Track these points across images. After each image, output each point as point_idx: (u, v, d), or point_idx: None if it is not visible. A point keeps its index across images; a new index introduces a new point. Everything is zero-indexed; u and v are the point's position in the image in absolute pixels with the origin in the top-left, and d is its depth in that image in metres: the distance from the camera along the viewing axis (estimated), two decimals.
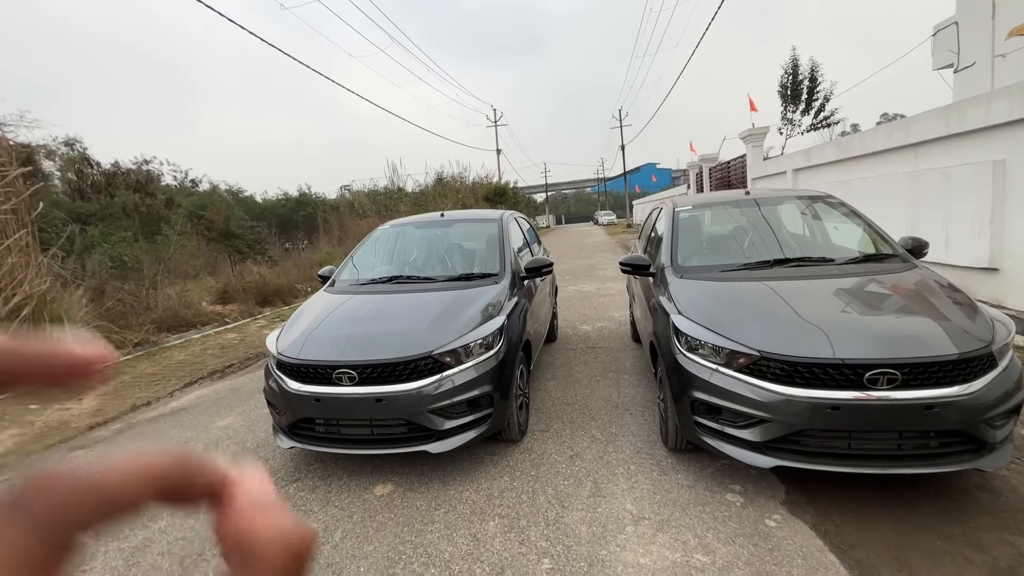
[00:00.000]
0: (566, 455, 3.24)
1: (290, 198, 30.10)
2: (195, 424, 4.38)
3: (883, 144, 7.71)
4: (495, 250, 4.07)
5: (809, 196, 4.07)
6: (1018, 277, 5.34)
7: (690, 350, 2.77)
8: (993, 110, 5.53)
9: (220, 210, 16.21)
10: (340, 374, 2.83)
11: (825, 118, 18.27)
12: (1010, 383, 2.31)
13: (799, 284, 3.02)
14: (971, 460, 2.27)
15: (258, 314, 10.74)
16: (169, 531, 2.72)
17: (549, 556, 2.30)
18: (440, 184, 30.42)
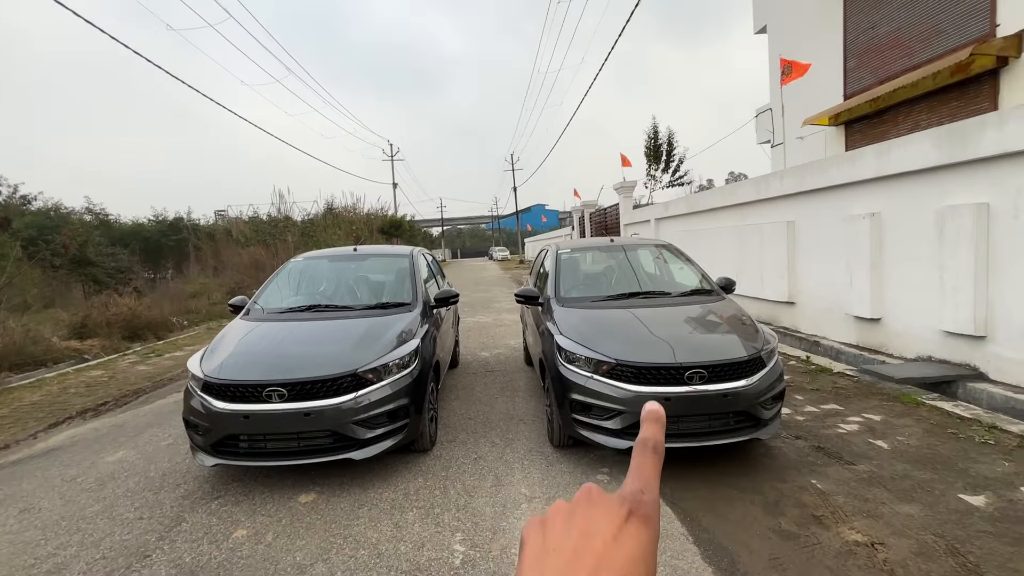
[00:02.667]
0: (471, 458, 3.79)
1: (161, 221, 27.20)
2: (79, 462, 4.16)
3: (719, 202, 9.65)
4: (407, 282, 4.59)
5: (656, 244, 5.24)
6: (807, 309, 7.10)
7: (569, 362, 3.55)
8: (785, 183, 7.42)
9: (76, 233, 14.33)
10: (270, 392, 3.13)
11: (680, 177, 21.65)
12: (775, 377, 3.40)
13: (650, 310, 4.00)
14: (753, 432, 3.29)
15: (126, 349, 9.78)
16: (81, 554, 2.75)
17: (461, 531, 2.83)
18: (331, 214, 29.60)
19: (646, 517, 0.32)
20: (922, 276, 5.05)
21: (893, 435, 3.77)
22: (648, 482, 0.34)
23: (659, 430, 0.37)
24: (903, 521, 2.69)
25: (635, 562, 0.30)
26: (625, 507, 0.32)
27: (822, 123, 12.08)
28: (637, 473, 0.35)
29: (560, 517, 0.34)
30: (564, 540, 0.32)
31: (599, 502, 0.33)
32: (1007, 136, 4.13)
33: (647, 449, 0.36)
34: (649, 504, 0.33)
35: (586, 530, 0.31)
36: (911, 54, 10.12)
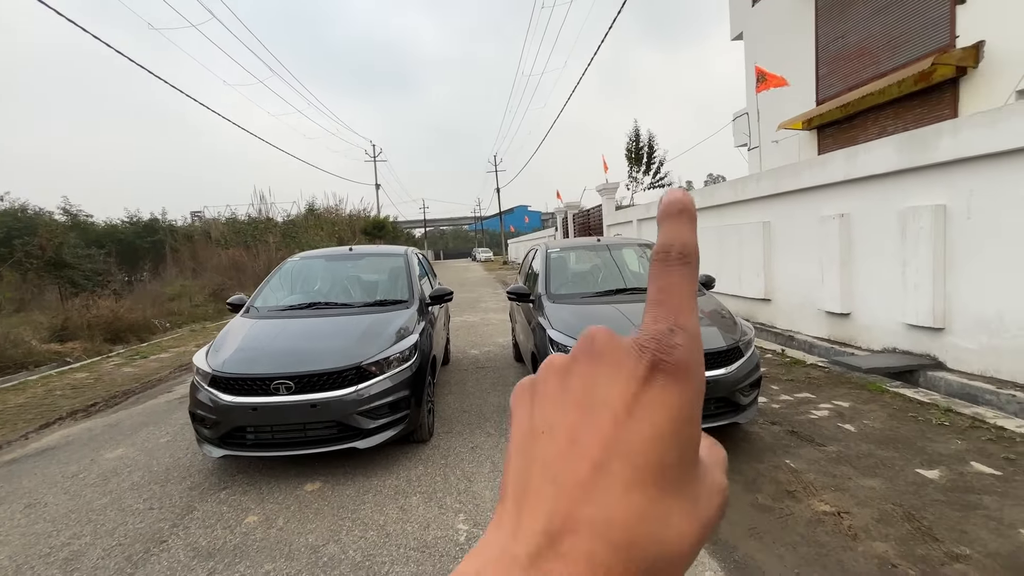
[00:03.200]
0: (468, 447, 3.98)
1: (136, 222, 26.61)
2: (78, 459, 4.21)
3: (698, 204, 9.99)
4: (403, 280, 4.75)
5: (640, 244, 5.50)
6: (783, 306, 7.45)
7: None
8: (761, 185, 7.77)
9: (51, 235, 14.01)
10: (278, 384, 3.26)
11: (661, 179, 22.16)
12: (752, 366, 3.66)
13: (634, 305, 4.23)
14: (732, 416, 3.54)
15: (109, 352, 9.68)
16: (100, 540, 2.85)
17: (463, 512, 3.02)
18: (313, 215, 29.36)
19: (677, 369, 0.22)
20: (887, 273, 5.40)
21: (860, 419, 4.07)
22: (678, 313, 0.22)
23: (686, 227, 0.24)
24: (866, 493, 2.97)
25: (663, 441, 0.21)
26: (644, 359, 0.22)
27: (796, 127, 12.57)
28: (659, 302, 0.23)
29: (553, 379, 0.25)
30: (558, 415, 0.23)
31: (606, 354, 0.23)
32: (961, 143, 4.49)
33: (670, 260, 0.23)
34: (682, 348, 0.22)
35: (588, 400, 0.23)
36: (878, 62, 10.63)
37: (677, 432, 0.21)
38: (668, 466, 0.21)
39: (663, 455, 0.21)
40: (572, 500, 0.21)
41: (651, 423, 0.21)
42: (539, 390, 0.25)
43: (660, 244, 0.24)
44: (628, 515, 0.20)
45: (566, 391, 0.24)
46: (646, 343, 0.22)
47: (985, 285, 4.42)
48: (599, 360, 0.23)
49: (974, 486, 2.95)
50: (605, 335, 0.24)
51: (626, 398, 0.22)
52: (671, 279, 0.23)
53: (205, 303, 15.42)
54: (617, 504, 0.20)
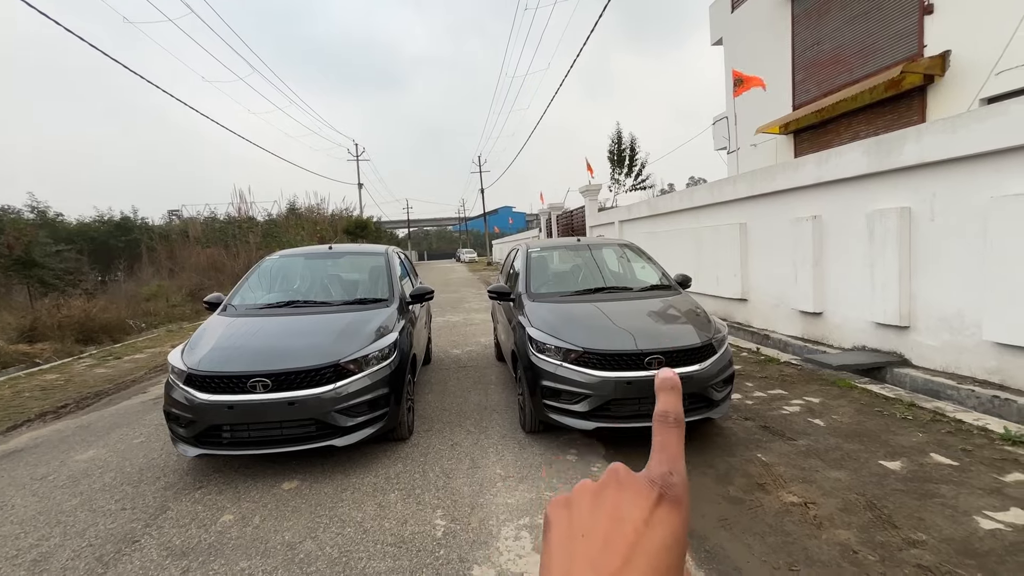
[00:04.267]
0: (447, 444, 4.00)
1: (108, 221, 25.97)
2: (47, 461, 4.12)
3: (677, 206, 10.17)
4: (384, 279, 4.75)
5: (619, 244, 5.59)
6: (759, 306, 7.61)
7: (540, 352, 3.81)
8: (738, 188, 7.93)
9: (20, 234, 13.59)
10: (255, 382, 3.24)
11: (642, 181, 22.45)
12: (725, 363, 3.75)
13: (613, 304, 4.30)
14: (706, 412, 3.63)
15: (80, 353, 9.43)
16: (69, 541, 2.80)
17: (441, 508, 3.04)
18: (294, 214, 29.00)
19: (676, 500, 0.31)
20: (856, 273, 5.58)
21: (829, 414, 4.20)
22: (674, 461, 0.32)
23: (676, 400, 0.34)
24: (832, 484, 3.07)
25: (668, 549, 0.29)
26: (655, 490, 0.31)
27: (773, 132, 12.87)
28: (662, 451, 0.33)
29: (587, 498, 0.33)
30: (593, 524, 0.31)
31: (628, 485, 0.32)
32: (924, 148, 4.67)
33: (667, 424, 0.34)
34: (679, 487, 0.31)
35: (616, 514, 0.31)
36: (851, 69, 10.96)
37: (677, 544, 0.30)
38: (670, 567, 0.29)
39: (669, 560, 0.29)
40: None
41: (661, 535, 0.29)
42: (575, 504, 0.33)
43: (660, 410, 0.34)
44: None
45: (598, 507, 0.32)
46: (655, 479, 0.31)
47: (947, 285, 4.60)
48: (623, 487, 0.32)
49: (933, 476, 3.08)
50: (625, 471, 0.33)
51: (644, 515, 0.30)
52: (669, 437, 0.33)
53: (182, 303, 15.10)
54: None
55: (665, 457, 0.33)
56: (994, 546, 2.39)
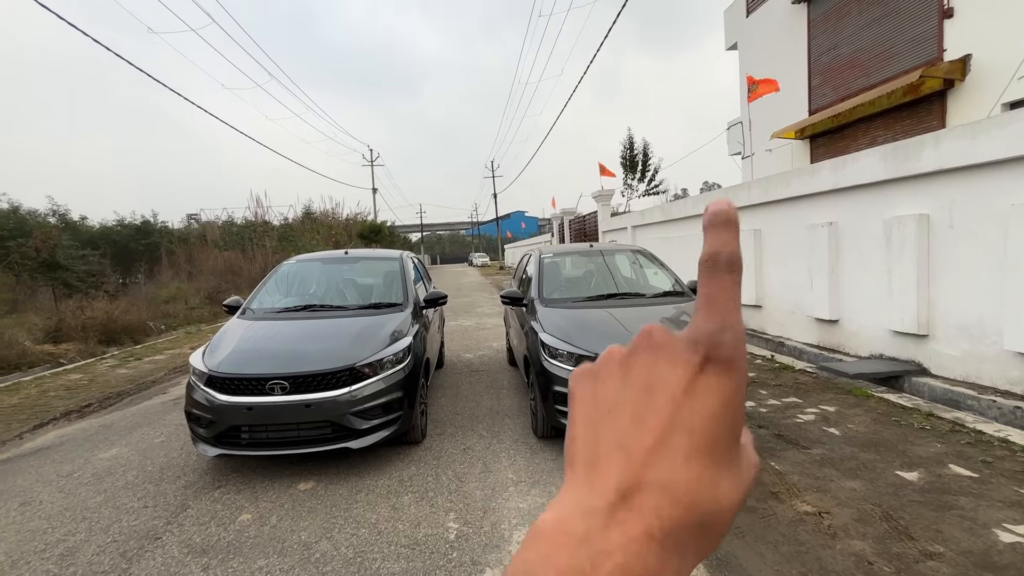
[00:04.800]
0: (460, 448, 4.03)
1: (128, 225, 26.58)
2: (72, 459, 4.24)
3: (691, 211, 10.13)
4: (398, 284, 4.82)
5: (632, 250, 5.59)
6: (773, 313, 7.55)
7: (552, 357, 3.83)
8: (752, 193, 7.89)
9: (46, 237, 14.01)
10: (273, 384, 3.32)
11: (655, 186, 22.37)
12: None
13: (625, 310, 4.32)
14: None
15: (103, 354, 9.67)
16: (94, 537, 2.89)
17: (454, 511, 3.07)
18: (310, 219, 29.40)
19: (728, 362, 0.25)
20: (873, 280, 5.51)
21: (844, 423, 4.15)
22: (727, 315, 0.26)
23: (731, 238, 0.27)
24: (847, 494, 3.04)
25: (716, 419, 0.25)
26: (699, 352, 0.25)
27: (789, 136, 12.76)
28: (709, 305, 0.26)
29: (615, 367, 0.28)
30: (621, 396, 0.27)
31: (665, 347, 0.27)
32: (943, 154, 4.61)
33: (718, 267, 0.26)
34: (730, 345, 0.25)
35: (648, 383, 0.26)
36: (869, 74, 10.84)
37: (726, 414, 0.25)
38: (719, 442, 0.25)
39: (716, 432, 0.25)
40: (640, 464, 0.24)
41: (706, 405, 0.25)
42: (601, 375, 0.28)
43: (707, 252, 0.27)
44: (688, 479, 0.24)
45: (627, 376, 0.27)
46: (699, 338, 0.26)
47: (967, 293, 4.53)
48: (658, 351, 0.27)
49: (951, 488, 3.03)
50: (661, 331, 0.28)
51: (683, 383, 0.25)
52: (721, 284, 0.26)
53: (201, 306, 15.39)
54: (679, 469, 0.24)
55: (715, 312, 0.26)
56: (1014, 559, 2.35)
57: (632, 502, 0.24)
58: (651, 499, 0.24)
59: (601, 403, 0.27)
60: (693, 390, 0.25)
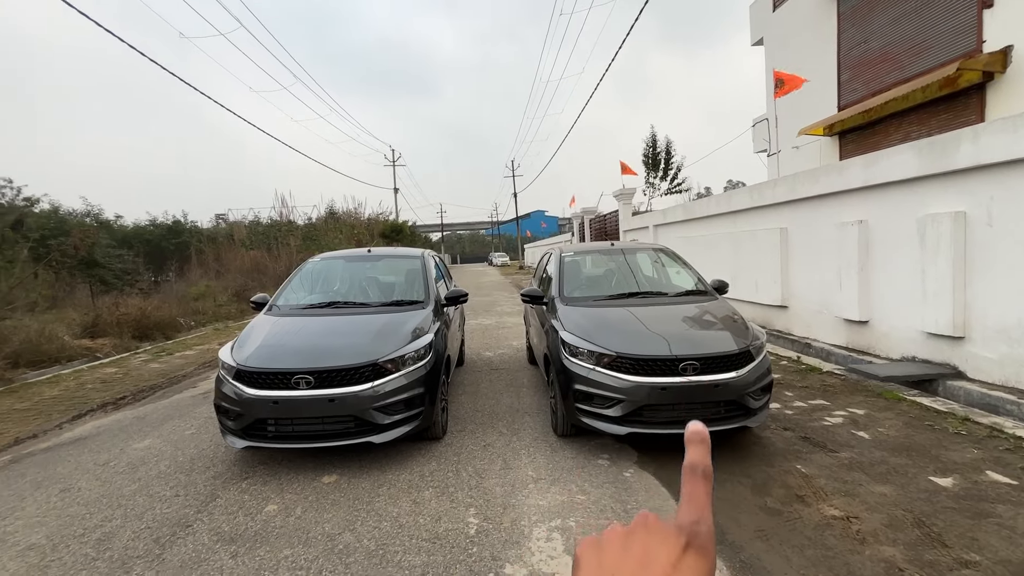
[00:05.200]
0: (480, 445, 4.06)
1: (160, 225, 27.46)
2: (108, 449, 4.41)
3: (714, 210, 9.96)
4: (420, 281, 4.87)
5: (654, 248, 5.53)
6: (800, 313, 7.37)
7: (573, 355, 3.82)
8: (778, 191, 7.72)
9: (85, 236, 14.60)
10: (298, 379, 3.39)
11: (678, 184, 22.05)
12: (763, 370, 3.67)
13: (647, 309, 4.27)
14: (743, 420, 3.56)
15: (137, 348, 10.01)
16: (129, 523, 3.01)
17: (474, 506, 3.09)
18: (333, 218, 29.85)
19: (703, 549, 0.32)
20: (906, 280, 5.34)
21: (874, 427, 4.03)
22: (702, 511, 0.34)
23: (705, 452, 0.37)
24: (877, 499, 2.96)
25: None
26: (683, 538, 0.32)
27: (817, 133, 12.44)
28: (690, 501, 0.34)
29: (617, 541, 0.34)
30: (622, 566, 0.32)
31: (656, 530, 0.33)
32: (981, 149, 4.44)
33: (696, 475, 0.35)
34: (705, 535, 0.33)
35: (644, 558, 0.32)
36: (902, 67, 10.48)
37: None
38: None
39: None
40: None
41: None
42: (605, 545, 0.34)
43: (689, 461, 0.37)
44: None
45: (628, 549, 0.33)
46: (683, 526, 0.33)
47: (1006, 293, 4.35)
48: (652, 532, 0.33)
49: (988, 495, 2.92)
50: (654, 518, 0.35)
51: (672, 560, 0.31)
52: (697, 488, 0.35)
53: (228, 303, 15.80)
54: None
55: (694, 507, 0.34)
56: None
57: None
58: None
59: (605, 570, 0.32)
60: (680, 566, 0.31)
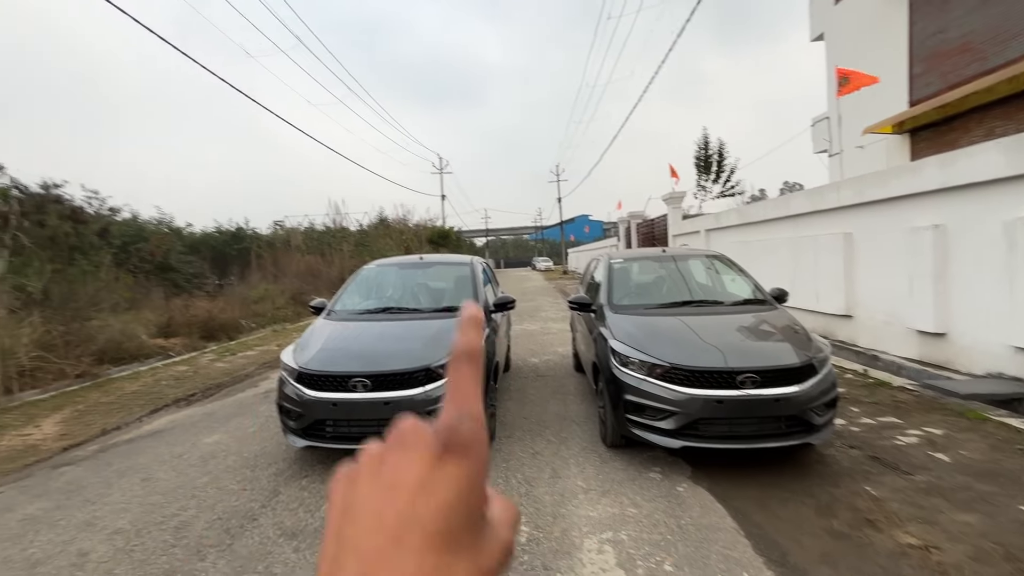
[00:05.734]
0: (528, 452, 4.06)
1: (224, 231, 29.28)
2: (182, 442, 4.73)
3: (772, 214, 9.55)
4: (469, 287, 4.96)
5: (708, 255, 5.36)
6: (866, 323, 6.93)
7: (623, 365, 3.76)
8: (842, 195, 7.31)
9: (161, 242, 15.81)
10: (356, 382, 3.53)
11: (731, 187, 21.28)
12: (827, 384, 3.47)
13: (700, 318, 4.15)
14: (805, 437, 3.38)
15: (204, 348, 10.69)
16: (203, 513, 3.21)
17: (524, 514, 3.10)
18: (383, 225, 30.82)
19: (464, 449, 0.27)
20: (991, 290, 4.91)
21: (955, 449, 3.73)
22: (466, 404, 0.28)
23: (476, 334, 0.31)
24: (960, 528, 2.73)
25: (451, 511, 0.25)
26: (438, 444, 0.27)
27: (885, 131, 11.68)
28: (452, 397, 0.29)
29: (368, 467, 0.28)
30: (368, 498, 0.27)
31: (411, 443, 0.27)
32: None
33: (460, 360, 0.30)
34: (467, 431, 0.27)
35: (393, 481, 0.26)
36: (984, 58, 9.68)
37: (462, 501, 0.26)
38: (453, 531, 0.25)
39: (450, 523, 0.25)
40: (371, 568, 0.25)
41: (440, 499, 0.25)
42: (353, 478, 0.28)
43: (455, 347, 0.31)
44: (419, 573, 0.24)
45: (376, 477, 0.27)
46: (440, 431, 0.27)
47: None
48: (403, 448, 0.27)
49: None
50: (411, 426, 0.28)
51: (421, 477, 0.26)
52: (461, 374, 0.30)
53: (285, 306, 16.62)
54: (408, 567, 0.24)
55: (455, 402, 0.29)
56: None
57: None
58: None
59: (349, 507, 0.27)
60: (429, 484, 0.26)
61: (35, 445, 5.01)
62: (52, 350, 8.13)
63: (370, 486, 0.27)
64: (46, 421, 5.77)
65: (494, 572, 0.27)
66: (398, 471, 0.27)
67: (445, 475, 0.26)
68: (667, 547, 2.72)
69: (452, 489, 0.26)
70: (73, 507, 3.46)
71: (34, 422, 5.67)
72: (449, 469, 0.26)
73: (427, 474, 0.26)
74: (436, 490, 0.26)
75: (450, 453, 0.26)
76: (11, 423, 5.67)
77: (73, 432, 5.33)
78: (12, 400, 6.49)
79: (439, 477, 0.26)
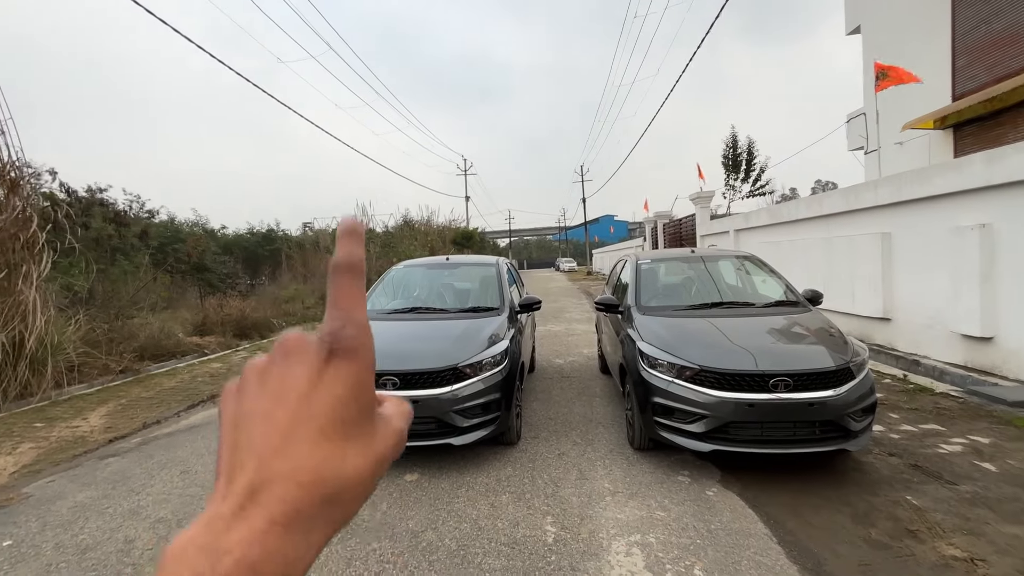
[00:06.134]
0: (555, 453, 4.06)
1: (256, 233, 30.14)
2: (216, 437, 4.89)
3: (804, 214, 9.29)
4: (495, 288, 4.99)
5: (738, 256, 5.26)
6: (904, 326, 6.68)
7: (651, 367, 3.72)
8: (880, 193, 7.06)
9: (196, 243, 16.40)
10: (386, 380, 3.59)
11: (761, 187, 20.78)
12: (865, 389, 3.36)
13: (731, 320, 4.07)
14: (841, 443, 3.28)
15: (237, 346, 11.02)
16: None
17: (551, 515, 3.10)
18: (408, 227, 31.18)
19: (350, 351, 0.28)
20: None
21: (1003, 458, 3.56)
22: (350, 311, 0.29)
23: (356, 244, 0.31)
24: (1009, 541, 2.61)
25: (343, 402, 0.27)
26: (324, 349, 0.28)
27: (926, 127, 11.24)
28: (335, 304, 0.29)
29: (253, 378, 0.30)
30: (258, 404, 0.28)
31: (296, 351, 0.29)
32: None
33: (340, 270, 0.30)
34: (352, 336, 0.29)
35: (280, 388, 0.28)
36: None
37: (353, 396, 0.28)
38: (346, 421, 0.27)
39: (342, 413, 0.27)
40: (268, 461, 0.26)
41: (331, 392, 0.27)
42: (242, 388, 0.30)
43: (335, 258, 0.31)
44: (313, 461, 0.26)
45: (264, 385, 0.29)
46: (324, 337, 0.29)
47: None
48: (289, 357, 0.29)
49: None
50: (295, 337, 0.30)
51: (311, 378, 0.28)
52: (342, 285, 0.30)
53: (315, 305, 17.00)
54: (305, 456, 0.26)
55: (339, 309, 0.29)
56: None
57: (259, 498, 0.25)
58: (277, 490, 0.26)
59: (240, 415, 0.29)
60: (319, 382, 0.27)
61: (83, 436, 5.26)
62: (97, 346, 8.51)
63: (258, 395, 0.28)
64: (92, 414, 6.05)
65: (386, 457, 0.29)
66: (285, 378, 0.28)
67: (332, 375, 0.28)
68: (697, 551, 2.69)
69: (343, 385, 0.28)
70: (119, 496, 3.62)
71: (82, 415, 5.96)
72: (338, 369, 0.28)
73: (315, 376, 0.28)
74: (327, 387, 0.28)
75: (336, 356, 0.28)
76: (61, 415, 5.96)
77: (117, 425, 5.57)
78: (62, 394, 6.83)
79: (329, 376, 0.28)
